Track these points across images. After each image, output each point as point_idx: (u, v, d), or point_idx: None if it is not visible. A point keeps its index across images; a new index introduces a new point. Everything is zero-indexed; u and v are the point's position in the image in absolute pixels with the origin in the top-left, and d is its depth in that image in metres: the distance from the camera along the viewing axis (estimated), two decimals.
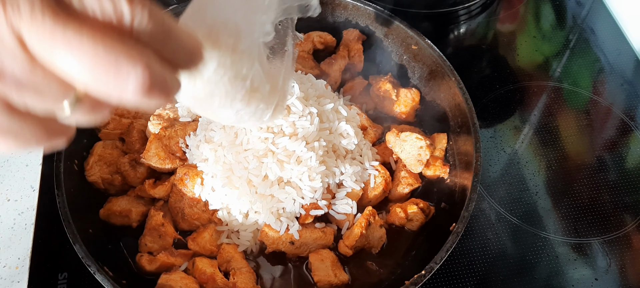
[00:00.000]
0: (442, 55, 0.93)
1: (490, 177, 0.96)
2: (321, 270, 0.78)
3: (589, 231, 0.90)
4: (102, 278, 0.69)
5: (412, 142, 0.87)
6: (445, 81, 0.92)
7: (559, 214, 0.92)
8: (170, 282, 0.74)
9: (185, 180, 0.81)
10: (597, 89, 1.10)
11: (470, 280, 0.84)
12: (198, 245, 0.79)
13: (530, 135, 1.03)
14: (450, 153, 0.91)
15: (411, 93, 0.96)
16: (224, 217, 0.81)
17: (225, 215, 0.81)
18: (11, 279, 0.81)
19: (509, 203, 0.93)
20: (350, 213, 0.83)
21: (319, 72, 0.98)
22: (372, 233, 0.82)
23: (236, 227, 0.81)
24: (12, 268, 0.83)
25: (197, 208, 0.81)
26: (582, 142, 1.02)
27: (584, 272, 0.86)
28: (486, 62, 1.15)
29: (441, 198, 0.87)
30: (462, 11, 1.21)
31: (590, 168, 0.99)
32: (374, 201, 0.86)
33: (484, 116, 1.03)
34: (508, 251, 0.87)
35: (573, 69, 1.13)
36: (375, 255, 0.83)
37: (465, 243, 0.87)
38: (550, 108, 1.07)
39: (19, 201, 0.90)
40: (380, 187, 0.85)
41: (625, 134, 1.04)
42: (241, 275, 0.76)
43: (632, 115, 1.06)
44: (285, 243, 0.79)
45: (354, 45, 1.00)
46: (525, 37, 1.19)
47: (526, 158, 0.99)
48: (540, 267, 0.86)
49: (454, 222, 0.76)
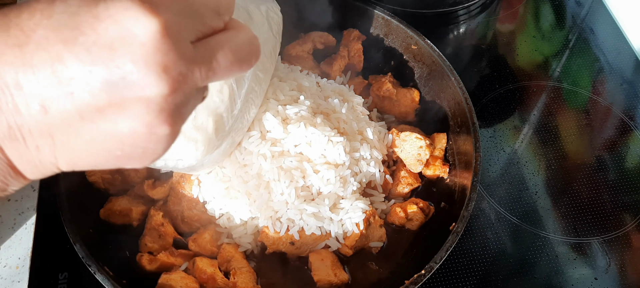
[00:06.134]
0: (442, 55, 0.93)
1: (490, 177, 0.96)
2: (321, 269, 0.78)
3: (588, 231, 0.90)
4: (103, 278, 0.69)
5: (412, 141, 0.87)
6: (445, 81, 0.92)
7: (559, 214, 0.92)
8: (171, 282, 0.74)
9: (183, 183, 0.82)
10: (597, 89, 1.10)
11: (470, 280, 0.84)
12: (199, 246, 0.79)
13: (529, 135, 1.03)
14: (450, 153, 0.91)
15: (411, 93, 0.96)
16: (225, 224, 0.81)
17: (225, 221, 0.81)
18: (11, 279, 0.81)
19: (509, 203, 0.93)
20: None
21: (319, 72, 0.99)
22: (372, 233, 0.82)
23: (237, 233, 0.81)
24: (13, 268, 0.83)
25: (196, 210, 0.81)
26: (581, 141, 1.02)
27: (584, 272, 0.86)
28: (486, 62, 1.15)
29: (441, 198, 0.87)
30: (462, 11, 1.21)
31: (589, 168, 0.99)
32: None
33: (483, 116, 1.03)
34: (508, 251, 0.88)
35: (572, 69, 1.14)
36: (375, 255, 0.83)
37: (465, 243, 0.87)
38: (550, 108, 1.07)
39: (19, 201, 0.90)
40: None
41: (625, 134, 1.04)
42: (242, 275, 0.76)
43: (632, 115, 1.06)
44: (285, 244, 0.79)
45: (354, 45, 1.00)
46: (525, 37, 1.19)
47: (526, 158, 0.99)
48: (540, 266, 0.86)
49: (454, 221, 0.76)
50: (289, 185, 0.79)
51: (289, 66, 0.94)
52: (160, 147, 0.37)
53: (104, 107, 0.34)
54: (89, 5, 0.33)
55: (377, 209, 0.85)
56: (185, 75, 0.35)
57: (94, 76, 0.33)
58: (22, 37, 0.33)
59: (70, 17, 0.33)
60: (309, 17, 1.00)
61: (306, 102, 0.84)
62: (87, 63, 0.33)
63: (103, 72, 0.33)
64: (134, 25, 0.33)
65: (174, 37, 0.34)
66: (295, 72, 0.92)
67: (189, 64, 0.35)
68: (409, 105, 0.96)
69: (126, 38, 0.33)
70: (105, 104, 0.34)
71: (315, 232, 0.79)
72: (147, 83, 0.34)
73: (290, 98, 0.85)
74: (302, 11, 0.99)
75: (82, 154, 0.37)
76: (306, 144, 0.81)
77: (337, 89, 0.92)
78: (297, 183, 0.79)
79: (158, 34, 0.33)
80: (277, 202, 0.79)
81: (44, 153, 0.36)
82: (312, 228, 0.79)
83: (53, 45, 0.33)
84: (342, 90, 0.92)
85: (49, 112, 0.34)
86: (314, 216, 0.79)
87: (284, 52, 0.99)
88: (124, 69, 0.33)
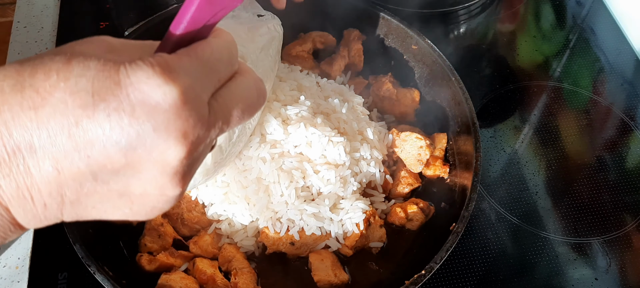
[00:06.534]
0: (442, 55, 0.93)
1: (490, 177, 0.96)
2: (321, 270, 0.78)
3: (589, 231, 0.90)
4: (102, 278, 0.69)
5: (412, 141, 0.87)
6: (445, 81, 0.92)
7: (559, 214, 0.92)
8: (171, 282, 0.74)
9: None
10: (597, 89, 1.10)
11: (470, 280, 0.84)
12: (200, 248, 0.79)
13: (530, 135, 1.03)
14: (450, 153, 0.91)
15: (411, 93, 0.96)
16: (226, 229, 0.81)
17: (227, 227, 0.81)
18: (11, 279, 0.81)
19: (509, 203, 0.93)
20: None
21: (319, 72, 0.98)
22: (372, 234, 0.82)
23: (238, 237, 0.81)
24: (12, 268, 0.83)
25: (196, 211, 0.81)
26: (582, 141, 1.02)
27: (584, 272, 0.86)
28: (486, 62, 1.15)
29: (441, 198, 0.87)
30: (462, 11, 1.21)
31: (590, 168, 0.99)
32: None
33: (484, 116, 1.03)
34: (508, 251, 0.87)
35: (573, 69, 1.13)
36: (375, 255, 0.83)
37: (465, 243, 0.87)
38: (550, 108, 1.07)
39: None
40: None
41: (625, 134, 1.04)
42: (242, 276, 0.76)
43: (632, 115, 1.06)
44: (285, 244, 0.79)
45: (354, 45, 1.00)
46: (526, 37, 1.19)
47: (526, 158, 0.99)
48: (540, 266, 0.86)
49: (454, 221, 0.76)
50: (289, 186, 0.79)
51: (289, 66, 0.94)
52: (168, 205, 0.38)
53: (119, 169, 0.35)
54: (109, 71, 0.33)
55: (377, 209, 0.85)
56: (203, 137, 0.36)
57: (113, 141, 0.33)
58: (37, 99, 0.33)
59: (89, 82, 0.33)
60: (309, 17, 1.00)
61: (306, 102, 0.84)
62: (106, 129, 0.33)
63: (123, 138, 0.33)
64: (155, 92, 0.33)
65: (193, 102, 0.35)
66: (295, 72, 0.92)
67: (207, 126, 0.36)
68: (409, 105, 0.96)
69: (147, 105, 0.33)
70: (121, 166, 0.34)
71: (316, 232, 0.79)
72: (165, 148, 0.34)
73: (291, 98, 0.85)
74: (302, 11, 0.99)
75: (88, 210, 0.37)
76: (306, 144, 0.81)
77: (337, 89, 0.92)
78: (297, 184, 0.79)
79: (179, 101, 0.34)
80: (277, 203, 0.79)
81: (51, 210, 0.36)
82: (312, 228, 0.79)
83: (71, 110, 0.33)
84: (342, 90, 0.92)
85: (62, 173, 0.34)
86: (314, 216, 0.79)
87: (284, 52, 0.99)
88: (145, 135, 0.34)
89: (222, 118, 0.38)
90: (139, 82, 0.33)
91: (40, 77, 0.33)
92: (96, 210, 0.37)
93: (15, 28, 1.11)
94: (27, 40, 1.09)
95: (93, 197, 0.36)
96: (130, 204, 0.37)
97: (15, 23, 1.12)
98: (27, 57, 0.35)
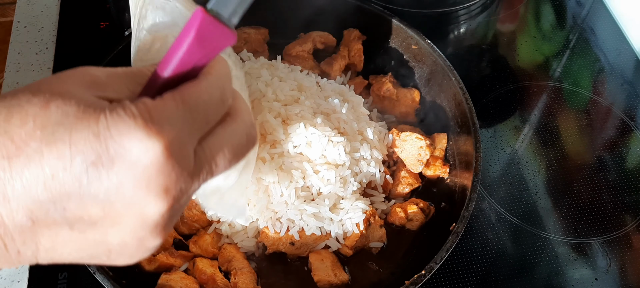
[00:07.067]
0: (442, 55, 0.93)
1: (490, 177, 0.96)
2: (321, 270, 0.78)
3: (589, 231, 0.90)
4: (102, 278, 0.69)
5: (412, 142, 0.87)
6: (445, 81, 0.92)
7: (559, 214, 0.92)
8: (171, 282, 0.74)
9: None
10: (597, 89, 1.10)
11: (470, 280, 0.84)
12: (200, 248, 0.79)
13: (530, 135, 1.03)
14: (450, 153, 0.91)
15: (411, 93, 0.96)
16: (227, 231, 0.81)
17: (227, 228, 0.81)
18: (11, 279, 0.81)
19: (509, 203, 0.93)
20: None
21: (319, 72, 0.98)
22: (372, 234, 0.82)
23: (238, 238, 0.81)
24: (12, 268, 0.83)
25: (196, 210, 0.81)
26: (582, 142, 1.02)
27: (584, 272, 0.86)
28: (486, 62, 1.15)
29: (441, 198, 0.87)
30: (462, 11, 1.21)
31: (590, 168, 0.99)
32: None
33: (484, 116, 1.03)
34: (508, 251, 0.87)
35: (573, 69, 1.13)
36: (375, 255, 0.83)
37: (465, 243, 0.87)
38: (550, 108, 1.07)
39: None
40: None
41: (626, 134, 1.04)
42: (242, 275, 0.76)
43: (632, 115, 1.06)
44: (285, 244, 0.79)
45: (354, 45, 1.00)
46: (526, 37, 1.19)
47: (526, 158, 0.99)
48: (540, 266, 0.86)
49: (454, 222, 0.76)
50: (288, 186, 0.79)
51: (289, 66, 0.94)
52: (148, 254, 0.37)
53: (97, 221, 0.34)
54: (88, 121, 0.32)
55: (377, 209, 0.85)
56: (185, 190, 0.35)
57: (91, 194, 0.32)
58: (11, 148, 0.31)
59: (66, 131, 0.31)
60: (309, 17, 1.00)
61: (306, 102, 0.84)
62: (84, 182, 0.32)
63: (101, 193, 0.32)
64: (137, 147, 0.32)
65: (177, 155, 0.33)
66: (295, 72, 0.91)
67: (190, 178, 0.35)
68: (409, 105, 0.96)
69: (127, 160, 0.32)
70: (98, 218, 0.33)
71: (315, 232, 0.79)
72: (145, 203, 0.33)
73: (291, 98, 0.85)
74: (302, 10, 0.99)
75: (64, 257, 0.36)
76: (306, 144, 0.81)
77: (337, 89, 0.92)
78: (297, 184, 0.79)
79: (161, 156, 0.32)
80: (277, 203, 0.79)
81: (25, 256, 0.35)
82: (312, 228, 0.79)
83: (47, 161, 0.31)
84: (342, 90, 0.92)
85: (36, 223, 0.33)
86: (314, 216, 0.79)
87: (284, 52, 0.99)
88: (124, 190, 0.32)
89: (207, 168, 0.36)
90: (119, 134, 0.32)
91: (15, 123, 0.31)
92: (72, 257, 0.36)
93: (15, 28, 1.11)
94: (27, 40, 1.09)
95: (69, 245, 0.35)
96: (108, 253, 0.36)
97: (16, 23, 1.12)
98: (2, 94, 0.33)
